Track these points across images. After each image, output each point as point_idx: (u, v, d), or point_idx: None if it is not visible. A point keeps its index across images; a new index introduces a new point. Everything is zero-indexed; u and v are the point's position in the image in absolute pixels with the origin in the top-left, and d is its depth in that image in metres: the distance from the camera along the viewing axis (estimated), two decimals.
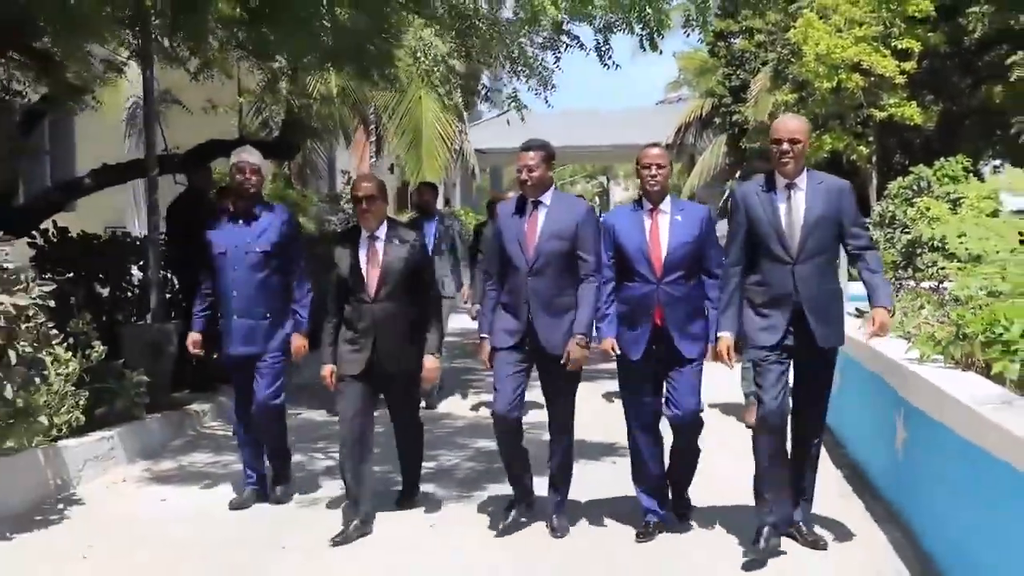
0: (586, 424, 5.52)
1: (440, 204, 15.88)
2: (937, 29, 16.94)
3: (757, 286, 4.55)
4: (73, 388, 5.77)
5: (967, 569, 3.93)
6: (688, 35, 10.18)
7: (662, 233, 4.72)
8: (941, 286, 7.13)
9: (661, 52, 9.85)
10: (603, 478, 5.80)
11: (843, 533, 4.82)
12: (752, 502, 4.65)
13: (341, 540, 4.81)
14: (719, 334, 4.61)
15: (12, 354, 4.71)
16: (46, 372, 5.23)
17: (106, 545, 4.87)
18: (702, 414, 4.86)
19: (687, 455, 4.97)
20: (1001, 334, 4.33)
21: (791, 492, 4.63)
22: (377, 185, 5.03)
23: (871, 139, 17.62)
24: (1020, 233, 5.88)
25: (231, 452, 6.33)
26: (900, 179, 13.30)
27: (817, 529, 4.79)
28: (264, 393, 5.39)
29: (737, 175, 24.96)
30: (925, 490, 4.58)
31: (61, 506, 5.45)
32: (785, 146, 4.44)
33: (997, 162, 21.32)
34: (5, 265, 4.79)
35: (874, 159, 17.65)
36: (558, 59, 10.15)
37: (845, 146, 17.11)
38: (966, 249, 5.84)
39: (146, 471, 6.31)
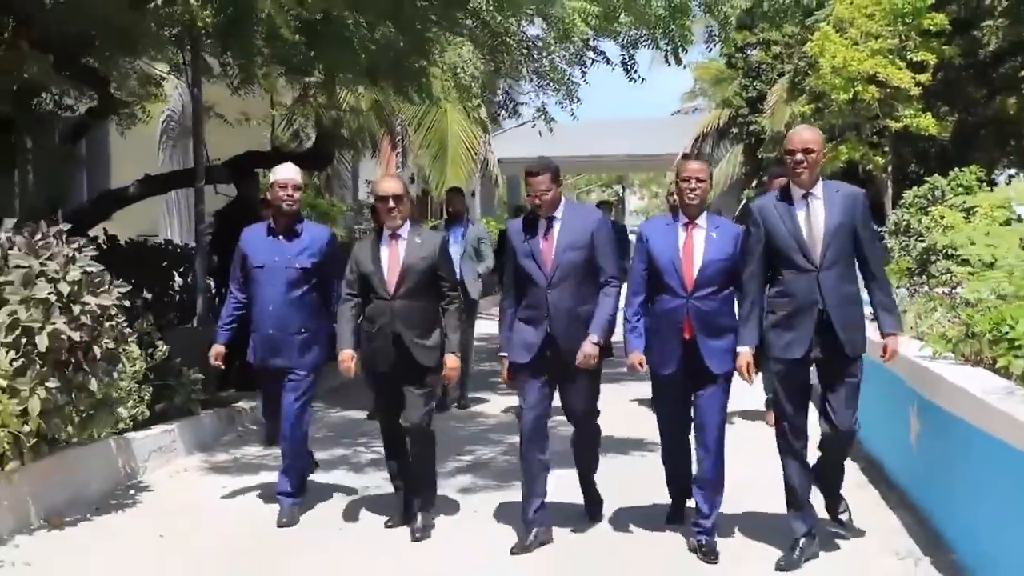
0: (613, 424, 5.77)
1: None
2: (952, 42, 17.33)
3: (780, 297, 4.58)
4: (138, 384, 6.20)
5: (971, 541, 4.30)
6: (711, 49, 10.56)
7: (696, 248, 4.71)
8: (953, 291, 7.49)
9: (684, 66, 10.27)
10: (632, 480, 5.86)
11: (859, 518, 5.16)
12: (770, 508, 4.85)
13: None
14: (739, 349, 4.63)
15: (97, 350, 5.13)
16: (122, 368, 5.65)
17: (176, 527, 5.25)
18: (728, 427, 4.89)
19: (711, 475, 4.83)
20: (1007, 333, 4.70)
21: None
22: (401, 184, 5.11)
23: (886, 149, 17.98)
24: (1021, 239, 6.19)
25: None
26: (915, 188, 13.63)
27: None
28: (293, 407, 5.38)
29: (753, 184, 25.41)
30: (937, 477, 4.95)
31: (132, 492, 5.86)
32: (799, 156, 4.50)
33: (1012, 171, 21.64)
34: (88, 269, 5.20)
35: (889, 169, 18.01)
36: (585, 73, 10.66)
37: (861, 156, 17.48)
38: (977, 256, 6.17)
39: (204, 462, 6.71)
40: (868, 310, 4.77)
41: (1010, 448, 3.76)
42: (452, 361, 5.07)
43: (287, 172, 5.52)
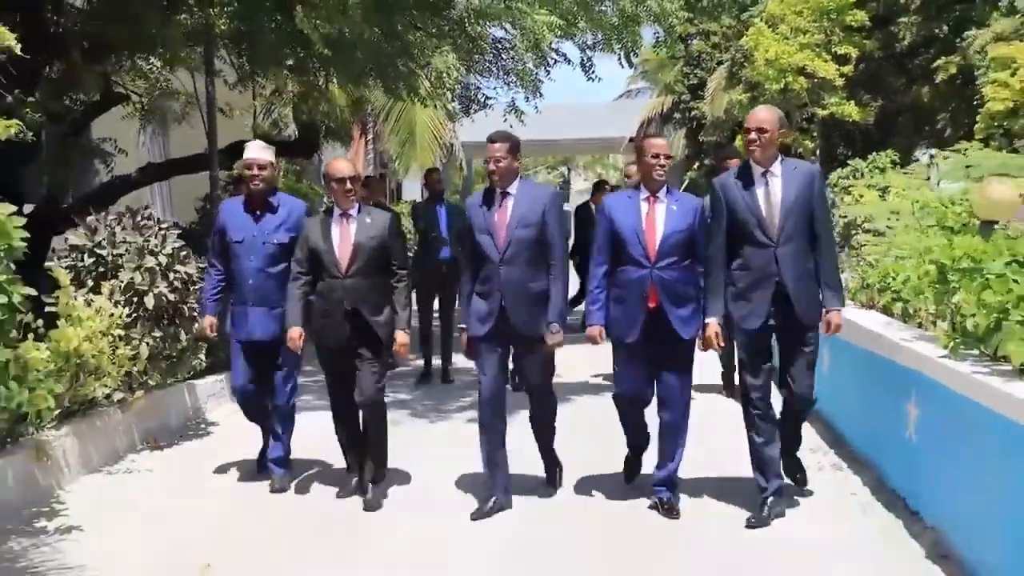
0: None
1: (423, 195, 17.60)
2: (872, 37, 19.06)
3: (740, 270, 4.74)
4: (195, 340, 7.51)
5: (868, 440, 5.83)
6: (658, 53, 11.96)
7: (658, 220, 4.84)
8: (861, 256, 9.11)
9: (634, 66, 11.71)
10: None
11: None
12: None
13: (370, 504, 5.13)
14: (707, 320, 4.77)
15: (185, 308, 6.44)
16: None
17: (240, 450, 6.35)
18: (688, 401, 5.02)
19: (674, 435, 5.00)
20: (890, 283, 6.23)
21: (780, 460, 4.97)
22: (353, 167, 5.20)
23: (815, 134, 19.69)
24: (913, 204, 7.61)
25: (305, 393, 7.63)
26: (840, 170, 15.35)
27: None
28: (279, 378, 5.57)
29: (695, 166, 27.06)
30: (842, 398, 6.48)
31: (202, 425, 7.17)
32: (753, 135, 4.69)
33: (933, 151, 23.53)
34: (175, 244, 6.50)
35: (818, 152, 19.70)
36: (549, 72, 12.09)
37: (792, 141, 19.12)
38: (876, 226, 7.70)
39: None
40: None
41: (877, 357, 5.31)
42: (402, 337, 5.14)
43: (252, 152, 5.52)
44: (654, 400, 5.04)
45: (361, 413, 5.22)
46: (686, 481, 5.22)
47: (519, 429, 5.44)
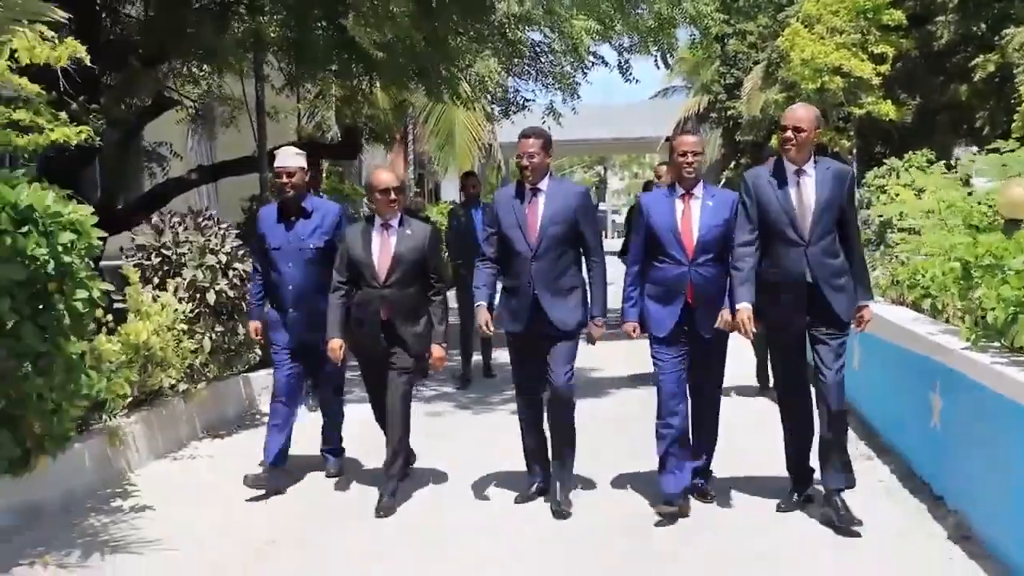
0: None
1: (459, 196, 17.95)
2: (909, 36, 19.11)
3: (771, 268, 4.71)
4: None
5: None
6: (694, 54, 12.19)
7: (694, 217, 4.85)
8: (895, 254, 9.28)
9: (671, 68, 11.96)
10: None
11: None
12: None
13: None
14: (738, 306, 4.68)
15: (244, 305, 6.80)
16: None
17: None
18: (723, 392, 5.18)
19: (708, 426, 5.17)
20: (919, 280, 6.43)
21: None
22: (397, 177, 5.21)
23: (851, 133, 19.78)
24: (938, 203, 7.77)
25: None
26: (875, 169, 15.44)
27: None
28: (327, 375, 5.78)
29: (731, 165, 27.18)
30: (869, 381, 6.69)
31: (256, 416, 7.53)
32: (789, 133, 4.64)
33: (973, 149, 23.47)
34: (234, 243, 6.87)
35: (854, 151, 19.79)
36: (586, 74, 12.38)
37: (828, 140, 19.24)
38: (910, 226, 7.87)
39: None
40: None
41: (903, 350, 5.54)
42: (438, 351, 5.20)
43: (282, 159, 5.58)
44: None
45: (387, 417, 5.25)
46: (720, 476, 5.37)
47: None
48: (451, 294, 7.14)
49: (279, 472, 5.53)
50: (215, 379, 7.09)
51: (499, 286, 5.30)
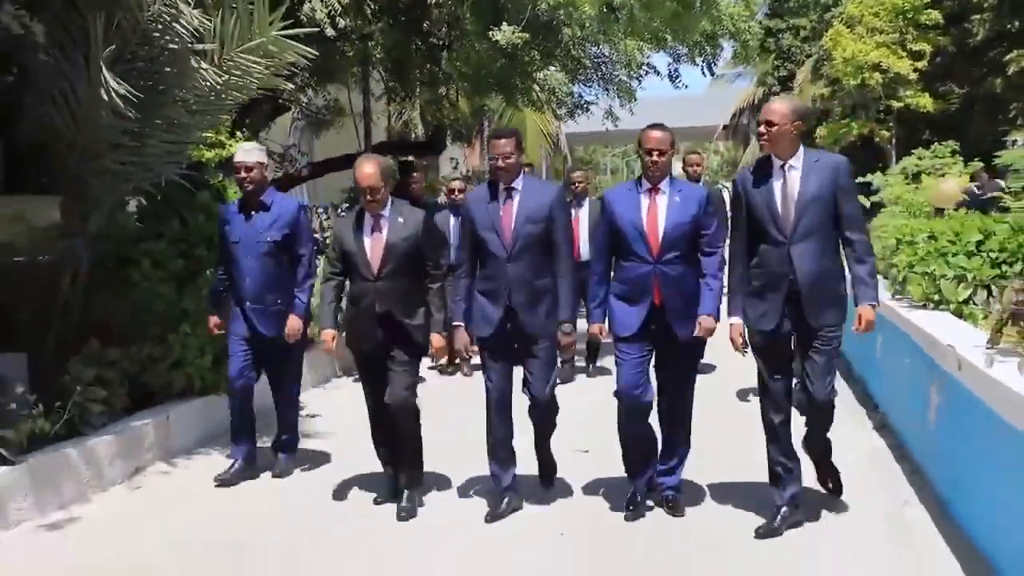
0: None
1: None
2: (946, 33, 20.63)
3: (756, 268, 4.50)
4: None
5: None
6: (737, 67, 13.99)
7: (660, 213, 4.64)
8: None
9: (714, 75, 13.86)
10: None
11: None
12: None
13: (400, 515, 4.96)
14: (730, 321, 4.52)
15: None
16: None
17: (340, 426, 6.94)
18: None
19: (678, 435, 4.87)
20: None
21: (800, 468, 4.66)
22: (379, 173, 4.88)
23: (891, 124, 21.37)
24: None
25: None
26: (905, 160, 17.09)
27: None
28: (283, 372, 5.78)
29: None
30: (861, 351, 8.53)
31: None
32: (762, 128, 4.45)
33: (1017, 138, 24.73)
34: None
35: (893, 141, 21.37)
36: (640, 82, 14.32)
37: (869, 131, 20.90)
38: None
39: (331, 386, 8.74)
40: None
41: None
42: (437, 340, 4.99)
43: (241, 155, 5.60)
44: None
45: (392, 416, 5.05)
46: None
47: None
48: None
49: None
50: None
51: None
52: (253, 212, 5.55)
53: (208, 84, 5.95)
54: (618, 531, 4.69)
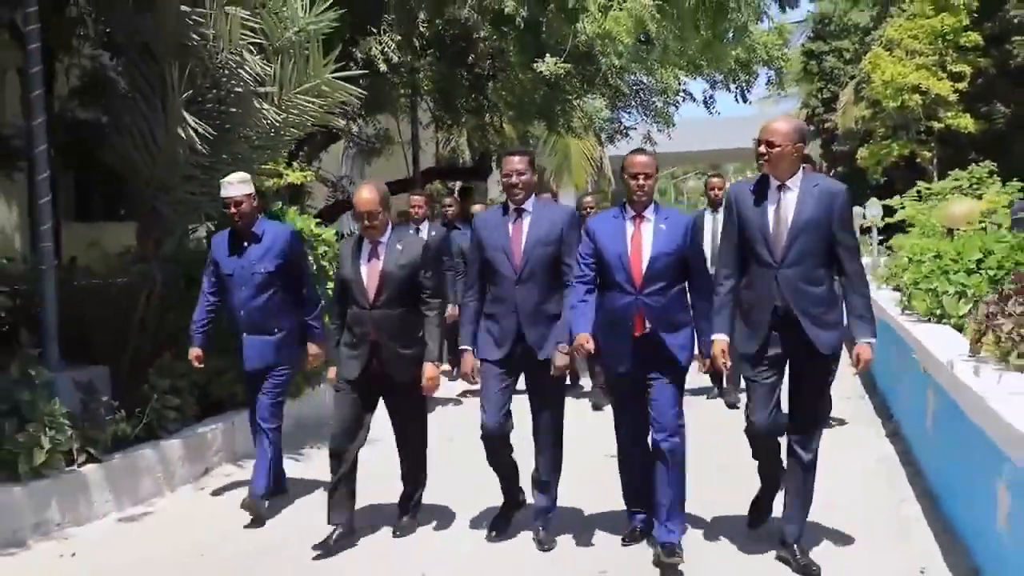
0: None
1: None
2: (987, 55, 20.82)
3: (745, 289, 4.37)
4: None
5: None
6: (771, 93, 14.44)
7: (644, 241, 4.51)
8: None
9: (749, 103, 14.36)
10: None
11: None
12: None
13: (322, 550, 4.82)
14: (714, 337, 4.39)
15: None
16: None
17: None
18: (682, 427, 4.52)
19: (671, 467, 4.51)
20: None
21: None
22: (379, 199, 4.78)
23: (932, 145, 21.58)
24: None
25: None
26: (941, 180, 17.33)
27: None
28: (266, 403, 5.51)
29: (830, 174, 28.96)
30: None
31: None
32: (762, 148, 4.27)
33: None
34: None
35: (934, 161, 21.56)
36: (677, 108, 14.84)
37: (910, 152, 21.14)
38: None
39: None
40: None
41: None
42: (430, 370, 4.84)
43: (227, 190, 5.49)
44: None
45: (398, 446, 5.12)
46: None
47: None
48: None
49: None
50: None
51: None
52: (245, 244, 5.52)
53: (269, 122, 6.66)
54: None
